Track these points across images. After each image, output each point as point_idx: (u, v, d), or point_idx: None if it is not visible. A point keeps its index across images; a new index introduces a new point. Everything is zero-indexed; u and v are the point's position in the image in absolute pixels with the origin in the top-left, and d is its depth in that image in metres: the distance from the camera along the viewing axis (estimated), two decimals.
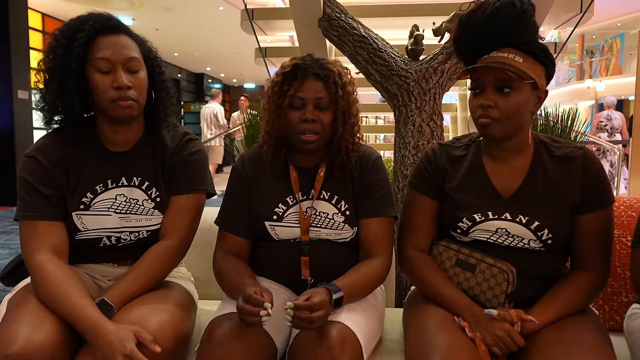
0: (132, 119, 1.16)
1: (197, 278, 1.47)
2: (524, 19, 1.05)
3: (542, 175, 1.12)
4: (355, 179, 1.22)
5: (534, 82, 1.05)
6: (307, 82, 1.13)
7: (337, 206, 1.21)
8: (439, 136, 2.02)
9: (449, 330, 1.03)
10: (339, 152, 1.19)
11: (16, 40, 6.23)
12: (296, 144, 1.18)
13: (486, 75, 1.05)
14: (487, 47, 1.07)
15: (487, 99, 1.05)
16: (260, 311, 0.95)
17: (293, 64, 1.16)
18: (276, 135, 1.19)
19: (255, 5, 3.33)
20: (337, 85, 1.14)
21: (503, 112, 1.05)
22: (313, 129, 1.13)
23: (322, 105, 1.14)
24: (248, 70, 15.33)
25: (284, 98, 1.15)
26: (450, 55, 2.00)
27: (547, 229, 1.09)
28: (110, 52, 1.09)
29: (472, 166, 1.18)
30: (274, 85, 1.17)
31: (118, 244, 1.20)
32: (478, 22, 1.07)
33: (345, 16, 2.12)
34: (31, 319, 0.98)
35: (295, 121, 1.14)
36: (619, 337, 1.21)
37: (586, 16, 2.59)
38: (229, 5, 8.09)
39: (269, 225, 1.20)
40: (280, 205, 1.21)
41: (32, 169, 1.12)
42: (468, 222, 1.14)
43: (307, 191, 1.22)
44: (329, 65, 1.15)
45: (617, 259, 1.40)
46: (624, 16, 12.72)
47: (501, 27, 1.05)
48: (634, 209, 1.43)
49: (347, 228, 1.20)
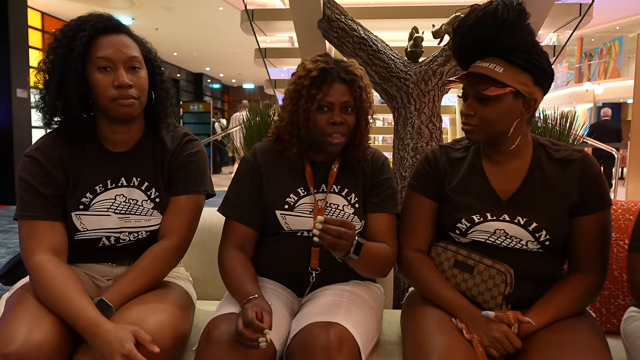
0: (132, 118, 1.16)
1: (195, 278, 1.48)
2: (506, 28, 1.05)
3: (540, 177, 1.13)
4: (367, 176, 1.28)
5: (517, 91, 1.06)
6: (334, 87, 1.17)
7: (347, 198, 1.25)
8: (438, 138, 2.02)
9: (447, 331, 1.03)
10: (359, 149, 1.25)
11: (15, 39, 6.22)
12: (322, 145, 1.21)
13: (468, 84, 1.09)
14: (472, 56, 1.11)
15: (468, 108, 1.10)
16: (259, 337, 0.95)
17: (320, 68, 1.18)
18: (304, 136, 1.22)
19: (255, 6, 3.33)
20: (362, 89, 1.20)
21: (481, 120, 1.09)
22: (341, 131, 1.18)
23: (348, 109, 1.19)
24: (247, 70, 15.36)
25: (312, 102, 1.18)
26: (449, 58, 2.01)
27: (545, 230, 1.09)
28: (111, 51, 1.09)
29: (471, 168, 1.19)
30: (301, 88, 1.19)
31: (117, 244, 1.20)
32: (462, 32, 1.10)
33: (345, 18, 2.13)
34: (29, 318, 0.98)
35: (323, 124, 1.18)
36: (616, 339, 1.22)
37: (585, 19, 2.59)
38: (229, 5, 8.10)
39: (280, 214, 1.22)
40: (291, 195, 1.23)
41: (32, 168, 1.12)
42: (467, 223, 1.15)
43: (319, 185, 1.26)
44: (352, 69, 1.20)
45: (614, 262, 1.40)
46: (622, 19, 12.76)
47: (481, 37, 1.07)
48: (631, 212, 1.43)
49: (356, 220, 1.23)
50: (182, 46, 11.81)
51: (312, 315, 1.07)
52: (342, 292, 1.18)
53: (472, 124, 1.10)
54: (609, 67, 14.36)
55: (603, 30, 13.70)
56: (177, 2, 8.18)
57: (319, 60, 1.21)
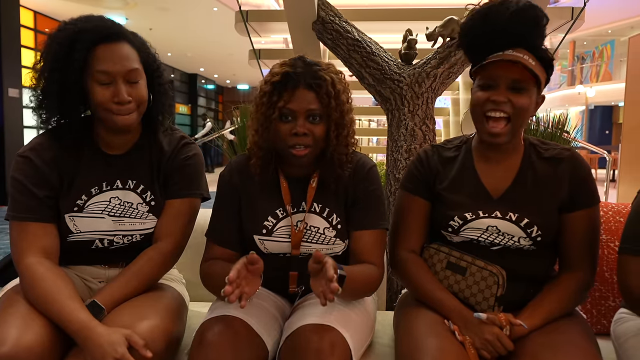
0: (130, 127, 1.15)
1: (188, 280, 1.47)
2: (542, 25, 1.08)
3: (531, 175, 1.14)
4: (349, 189, 1.18)
5: (538, 86, 1.08)
6: (297, 93, 1.07)
7: (328, 219, 1.17)
8: (432, 140, 2.03)
9: (439, 333, 1.04)
10: (332, 165, 1.14)
11: (7, 38, 6.17)
12: (286, 157, 1.14)
13: (501, 72, 1.06)
14: (503, 44, 1.07)
15: (501, 95, 1.06)
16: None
17: (283, 72, 1.09)
18: (265, 147, 1.13)
19: (250, 7, 3.33)
20: (330, 96, 1.08)
21: (515, 108, 1.06)
22: (304, 143, 1.08)
23: (314, 117, 1.09)
24: (242, 71, 15.31)
25: (273, 110, 1.08)
26: (443, 60, 2.02)
27: (537, 225, 1.11)
28: (110, 65, 1.06)
29: (463, 167, 1.20)
30: (263, 94, 1.11)
31: (110, 247, 1.19)
32: (501, 18, 1.06)
33: (339, 19, 2.13)
34: (20, 321, 0.97)
35: (286, 134, 1.08)
36: (606, 341, 1.23)
37: (577, 23, 2.62)
38: (223, 6, 8.08)
39: (258, 239, 1.17)
40: (269, 218, 1.17)
41: (25, 169, 1.11)
42: (459, 221, 1.15)
43: (298, 203, 1.18)
44: (321, 73, 1.09)
45: (605, 264, 1.41)
46: (614, 23, 12.89)
47: (523, 26, 1.06)
48: (622, 214, 1.45)
49: (338, 242, 1.18)
50: (176, 47, 11.75)
51: (305, 317, 1.06)
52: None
53: (506, 112, 1.06)
54: (601, 70, 14.49)
55: (595, 34, 13.82)
56: (171, 3, 8.15)
57: (286, 63, 1.11)
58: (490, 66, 1.07)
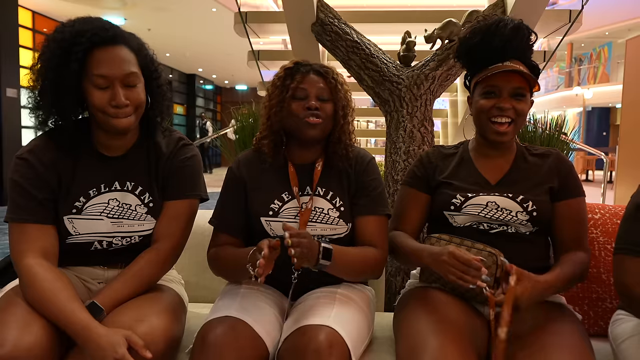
0: (128, 130, 1.15)
1: (187, 281, 1.47)
2: (531, 40, 1.24)
3: (524, 166, 1.28)
4: (351, 178, 1.28)
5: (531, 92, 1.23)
6: (308, 77, 1.23)
7: (332, 202, 1.25)
8: (430, 142, 2.04)
9: (440, 332, 1.04)
10: (340, 144, 1.26)
11: (5, 38, 6.16)
12: (300, 132, 1.22)
13: (503, 81, 1.19)
14: (501, 56, 1.21)
15: (506, 102, 1.20)
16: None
17: (295, 62, 1.26)
18: (277, 128, 1.25)
19: (249, 8, 3.33)
20: (336, 81, 1.25)
21: (517, 114, 1.20)
22: (316, 114, 1.21)
23: (324, 97, 1.23)
24: (240, 72, 15.31)
25: (287, 91, 1.22)
26: (441, 62, 2.03)
27: (532, 202, 1.21)
28: (108, 69, 1.06)
29: (462, 161, 1.33)
30: (277, 80, 1.25)
31: (109, 249, 1.20)
32: (503, 33, 1.19)
33: (338, 21, 2.14)
34: (19, 322, 0.97)
35: (299, 109, 1.21)
36: (604, 342, 1.24)
37: (575, 25, 2.63)
38: (222, 7, 8.09)
39: (264, 221, 1.23)
40: (276, 201, 1.24)
41: (24, 171, 1.11)
42: (461, 198, 1.25)
43: (303, 187, 1.26)
44: (326, 67, 1.26)
45: (602, 266, 1.42)
46: (611, 25, 12.95)
47: (519, 42, 1.22)
48: (619, 216, 1.45)
49: (341, 223, 1.24)
50: (175, 47, 11.75)
51: (304, 317, 1.07)
52: (334, 295, 1.19)
53: (510, 117, 1.20)
54: (599, 72, 14.56)
55: (593, 36, 13.88)
56: (170, 3, 8.14)
57: (293, 60, 1.28)
58: (493, 76, 1.19)
